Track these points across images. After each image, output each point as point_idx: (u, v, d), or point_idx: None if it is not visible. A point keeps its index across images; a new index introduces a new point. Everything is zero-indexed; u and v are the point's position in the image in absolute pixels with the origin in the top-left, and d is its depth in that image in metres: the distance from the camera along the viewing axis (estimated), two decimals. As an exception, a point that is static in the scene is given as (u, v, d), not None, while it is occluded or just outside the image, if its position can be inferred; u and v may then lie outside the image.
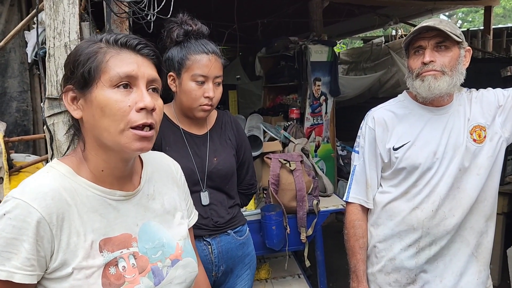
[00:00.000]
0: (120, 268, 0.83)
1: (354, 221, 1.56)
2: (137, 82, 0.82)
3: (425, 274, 1.48)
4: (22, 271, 0.74)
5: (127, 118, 0.80)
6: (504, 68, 3.47)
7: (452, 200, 1.42)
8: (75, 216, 0.81)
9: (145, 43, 0.86)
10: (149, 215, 0.94)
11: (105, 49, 0.82)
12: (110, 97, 0.79)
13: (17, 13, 2.70)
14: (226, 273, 1.60)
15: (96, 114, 0.80)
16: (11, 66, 2.72)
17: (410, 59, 1.44)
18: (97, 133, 0.82)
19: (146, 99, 0.81)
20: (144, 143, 0.82)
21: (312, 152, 4.22)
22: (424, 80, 1.37)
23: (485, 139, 1.42)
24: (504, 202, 3.04)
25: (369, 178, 1.54)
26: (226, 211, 1.59)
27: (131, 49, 0.84)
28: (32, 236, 0.75)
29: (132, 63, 0.82)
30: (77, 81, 0.82)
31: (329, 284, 3.23)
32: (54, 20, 1.22)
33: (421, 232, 1.44)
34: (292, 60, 4.31)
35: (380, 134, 1.50)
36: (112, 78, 0.80)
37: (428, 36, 1.36)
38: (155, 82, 0.86)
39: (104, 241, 0.83)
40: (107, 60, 0.81)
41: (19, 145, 2.69)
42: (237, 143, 1.67)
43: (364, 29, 7.36)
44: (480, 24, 8.34)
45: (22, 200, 0.76)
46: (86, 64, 0.81)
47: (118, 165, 0.87)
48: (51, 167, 0.85)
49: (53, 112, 1.22)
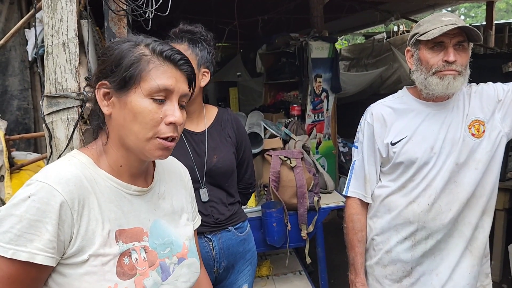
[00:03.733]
0: (133, 259, 0.85)
1: (353, 215, 1.59)
2: (171, 96, 0.87)
3: (420, 267, 1.49)
4: (44, 252, 0.75)
5: (157, 128, 0.84)
6: (506, 64, 3.45)
7: (448, 194, 1.43)
8: (94, 204, 0.84)
9: (186, 59, 0.90)
10: (159, 213, 0.97)
11: (149, 58, 0.85)
12: (145, 106, 0.83)
13: (17, 11, 2.70)
14: (227, 269, 1.61)
15: (127, 117, 0.84)
16: (12, 64, 2.72)
17: (426, 53, 1.38)
18: (123, 133, 0.86)
19: (177, 115, 0.86)
20: (165, 152, 0.88)
21: (313, 149, 4.21)
22: (444, 79, 1.35)
23: (484, 133, 1.42)
24: (506, 198, 3.03)
25: (367, 173, 1.56)
26: (226, 208, 1.59)
27: (174, 63, 0.88)
28: (55, 219, 0.76)
29: (172, 77, 0.86)
30: (116, 82, 0.85)
31: (330, 280, 3.23)
32: (52, 18, 1.22)
33: (417, 226, 1.46)
34: (293, 57, 4.30)
35: (378, 130, 1.52)
36: (151, 88, 0.83)
37: (451, 34, 1.33)
38: (185, 97, 0.91)
39: (119, 232, 0.86)
40: (150, 69, 0.84)
41: (20, 143, 2.69)
42: (237, 141, 1.66)
43: (366, 25, 7.33)
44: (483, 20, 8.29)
45: (46, 183, 0.78)
46: (129, 69, 0.84)
47: (135, 163, 0.91)
48: (72, 156, 0.88)
49: (52, 110, 1.22)
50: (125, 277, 0.82)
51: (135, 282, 0.83)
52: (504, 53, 4.59)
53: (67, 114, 1.21)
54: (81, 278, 0.79)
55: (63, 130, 1.21)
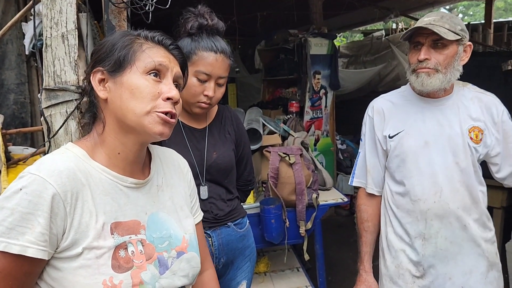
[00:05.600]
0: (129, 252, 0.84)
1: (360, 205, 1.68)
2: (166, 74, 0.89)
3: (433, 269, 1.50)
4: (35, 245, 0.74)
5: (155, 102, 0.85)
6: (505, 62, 3.45)
7: (448, 191, 1.45)
8: (88, 197, 0.83)
9: (176, 44, 0.94)
10: (158, 206, 0.96)
11: (142, 41, 0.89)
12: (141, 82, 0.85)
13: (14, 4, 2.67)
14: (226, 265, 1.60)
15: (124, 95, 0.85)
16: (9, 58, 2.69)
17: (410, 53, 1.50)
18: (121, 113, 0.86)
19: (173, 91, 0.87)
20: (166, 128, 0.87)
21: (311, 146, 4.21)
22: (418, 76, 1.44)
23: (481, 141, 1.47)
24: (503, 197, 3.04)
25: (368, 164, 1.63)
26: (225, 204, 1.59)
27: (165, 46, 0.91)
28: (47, 211, 0.75)
29: (165, 57, 0.90)
30: (111, 64, 0.87)
31: (328, 277, 3.24)
32: (51, 10, 1.20)
33: (425, 223, 1.48)
34: (291, 53, 4.29)
35: (377, 122, 1.59)
36: (146, 64, 0.86)
37: (426, 33, 1.40)
38: (179, 80, 0.94)
39: (115, 224, 0.85)
40: (144, 50, 0.87)
41: (17, 137, 2.67)
42: (237, 138, 1.66)
43: (364, 22, 7.32)
44: (481, 18, 8.30)
45: (39, 175, 0.77)
46: (123, 49, 0.87)
47: (134, 148, 0.90)
48: (66, 149, 0.88)
49: (51, 103, 1.20)
50: (121, 270, 0.81)
51: (132, 275, 0.82)
52: (503, 51, 4.60)
53: (66, 107, 1.19)
54: (76, 272, 0.78)
55: (61, 123, 1.19)
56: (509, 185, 1.56)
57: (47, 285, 0.80)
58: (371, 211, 1.65)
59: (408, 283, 1.52)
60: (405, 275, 1.53)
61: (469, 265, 1.47)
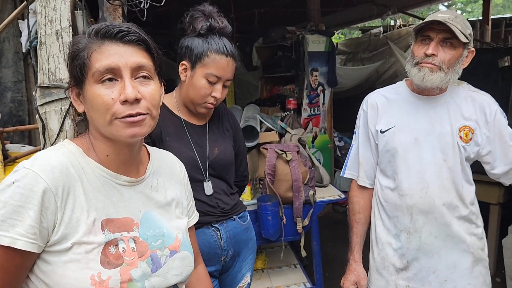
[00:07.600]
0: (120, 249, 0.85)
1: (352, 197, 1.70)
2: (120, 73, 0.83)
3: (417, 262, 1.52)
4: (25, 238, 0.75)
5: (112, 110, 0.82)
6: (502, 58, 3.46)
7: (434, 187, 1.47)
8: (80, 192, 0.83)
9: (128, 29, 0.84)
10: (151, 205, 0.96)
11: (87, 45, 0.83)
12: (95, 92, 0.82)
13: (10, 2, 2.66)
14: (233, 257, 1.64)
15: (89, 109, 0.86)
16: (5, 56, 2.69)
17: (416, 45, 1.47)
18: (94, 124, 0.87)
19: (127, 91, 0.81)
20: (135, 129, 0.84)
21: (309, 143, 4.22)
22: (421, 70, 1.42)
23: (470, 140, 1.47)
24: (500, 193, 3.04)
25: (361, 156, 1.65)
26: (229, 198, 1.62)
27: (112, 38, 0.83)
28: (37, 205, 0.76)
29: (112, 54, 0.82)
30: (73, 79, 0.87)
31: (325, 274, 3.25)
32: (45, 7, 1.20)
33: (410, 218, 1.50)
34: (289, 50, 4.28)
35: (371, 117, 1.60)
36: (94, 74, 0.82)
37: (438, 29, 1.39)
38: (144, 69, 0.86)
39: (107, 221, 0.85)
40: (89, 56, 0.82)
41: (14, 135, 2.67)
42: (234, 134, 1.70)
43: (362, 19, 7.32)
44: (479, 15, 8.29)
45: (31, 170, 0.78)
46: (73, 63, 0.84)
47: (122, 150, 0.90)
48: (62, 145, 0.89)
49: (45, 101, 1.20)
50: (109, 266, 0.81)
51: (121, 272, 0.82)
52: (500, 48, 4.60)
53: (60, 104, 1.19)
54: (65, 266, 0.79)
55: (56, 121, 1.19)
56: (506, 183, 1.56)
57: (37, 278, 0.81)
58: (363, 203, 1.67)
59: (392, 275, 1.56)
60: (389, 267, 1.56)
61: (453, 260, 1.49)
